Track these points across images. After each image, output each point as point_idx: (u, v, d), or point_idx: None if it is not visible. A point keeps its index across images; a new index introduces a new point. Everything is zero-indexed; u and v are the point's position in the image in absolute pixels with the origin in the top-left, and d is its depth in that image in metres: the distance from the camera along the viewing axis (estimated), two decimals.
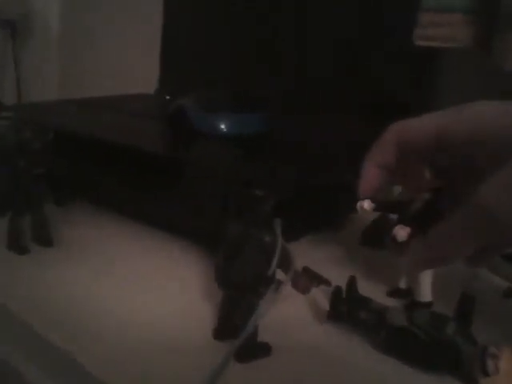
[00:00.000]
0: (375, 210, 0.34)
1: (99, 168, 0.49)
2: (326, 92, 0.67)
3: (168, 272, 0.42)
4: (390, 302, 0.37)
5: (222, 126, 0.49)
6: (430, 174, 0.29)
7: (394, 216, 0.37)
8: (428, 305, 0.37)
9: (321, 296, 0.37)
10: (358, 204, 0.35)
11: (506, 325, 0.37)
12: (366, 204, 0.34)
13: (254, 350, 0.31)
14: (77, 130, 0.53)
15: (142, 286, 0.39)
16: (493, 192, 0.22)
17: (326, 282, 0.33)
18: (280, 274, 0.30)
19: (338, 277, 0.36)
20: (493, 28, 0.52)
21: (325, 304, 0.36)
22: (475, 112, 0.25)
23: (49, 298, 0.37)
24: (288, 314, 0.36)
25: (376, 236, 0.47)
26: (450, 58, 0.60)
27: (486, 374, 0.29)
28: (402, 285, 0.40)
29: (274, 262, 0.29)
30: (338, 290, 0.34)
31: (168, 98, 0.67)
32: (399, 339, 0.32)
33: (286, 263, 0.30)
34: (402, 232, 0.34)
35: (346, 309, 0.34)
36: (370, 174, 0.29)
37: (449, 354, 0.30)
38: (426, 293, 0.38)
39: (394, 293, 0.40)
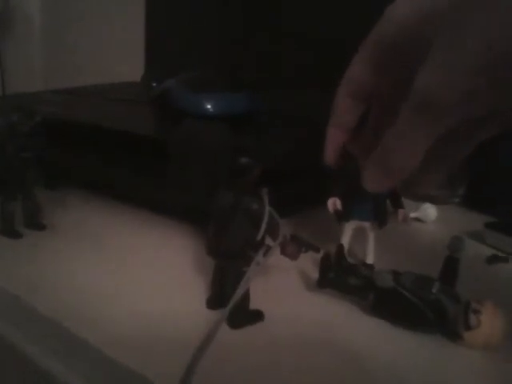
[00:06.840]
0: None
1: (88, 152, 0.50)
2: (317, 73, 0.67)
3: (161, 250, 0.43)
4: None
5: (209, 106, 0.49)
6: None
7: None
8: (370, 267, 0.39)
9: (310, 264, 0.38)
10: (328, 203, 0.38)
11: (488, 286, 0.38)
12: (331, 203, 0.39)
13: (246, 316, 0.32)
14: (65, 116, 0.53)
15: (135, 263, 0.40)
16: (430, 74, 0.22)
17: (315, 248, 0.34)
18: (269, 241, 0.31)
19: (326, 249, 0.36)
20: None
21: (314, 271, 0.37)
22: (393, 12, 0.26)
23: (45, 278, 0.37)
24: (279, 282, 0.37)
25: None
26: None
27: (468, 328, 0.30)
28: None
29: (263, 228, 0.30)
30: (326, 256, 0.35)
31: (154, 84, 0.67)
32: (387, 300, 0.33)
33: (274, 230, 0.31)
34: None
35: (335, 275, 0.35)
36: (333, 137, 0.30)
37: (434, 311, 0.32)
38: (370, 255, 0.40)
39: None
